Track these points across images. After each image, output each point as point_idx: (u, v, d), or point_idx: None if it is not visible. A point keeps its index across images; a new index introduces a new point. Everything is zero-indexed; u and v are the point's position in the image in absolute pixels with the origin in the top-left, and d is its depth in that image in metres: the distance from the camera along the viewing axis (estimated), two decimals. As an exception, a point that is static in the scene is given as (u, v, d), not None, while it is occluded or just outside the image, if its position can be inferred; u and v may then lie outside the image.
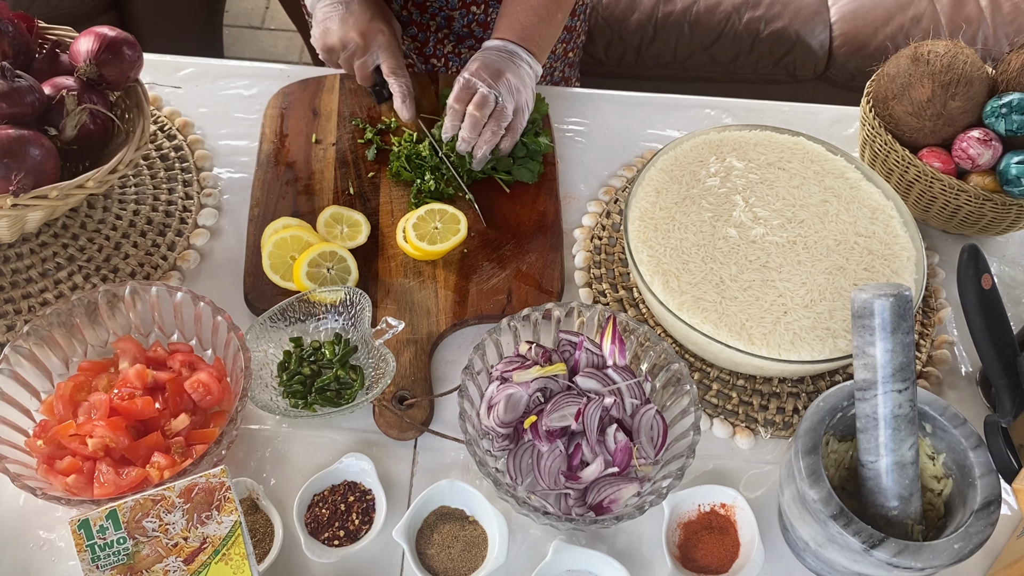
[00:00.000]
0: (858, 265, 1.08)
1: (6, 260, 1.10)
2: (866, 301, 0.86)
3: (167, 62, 1.36)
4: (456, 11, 1.40)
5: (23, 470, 0.90)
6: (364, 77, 1.28)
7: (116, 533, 0.81)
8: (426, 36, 1.43)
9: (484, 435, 0.97)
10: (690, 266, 1.07)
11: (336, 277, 1.09)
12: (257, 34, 3.04)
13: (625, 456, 0.94)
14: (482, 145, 1.18)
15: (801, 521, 0.89)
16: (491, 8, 1.42)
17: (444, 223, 1.12)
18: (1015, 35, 2.24)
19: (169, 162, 1.24)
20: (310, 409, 1.00)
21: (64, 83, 1.07)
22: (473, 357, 0.97)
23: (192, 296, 1.00)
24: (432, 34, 1.44)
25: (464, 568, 0.93)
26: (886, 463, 0.88)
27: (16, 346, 0.95)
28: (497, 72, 1.17)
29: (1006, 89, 1.16)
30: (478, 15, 1.42)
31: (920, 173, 1.16)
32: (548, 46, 1.26)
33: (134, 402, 0.94)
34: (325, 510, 0.95)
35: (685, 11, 2.27)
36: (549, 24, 1.24)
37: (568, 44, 1.54)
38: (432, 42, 1.45)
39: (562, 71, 1.58)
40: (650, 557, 0.96)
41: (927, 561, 0.82)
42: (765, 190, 1.14)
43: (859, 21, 2.29)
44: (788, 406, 1.07)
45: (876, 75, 1.23)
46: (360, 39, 1.24)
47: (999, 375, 0.99)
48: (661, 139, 1.34)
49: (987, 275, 0.99)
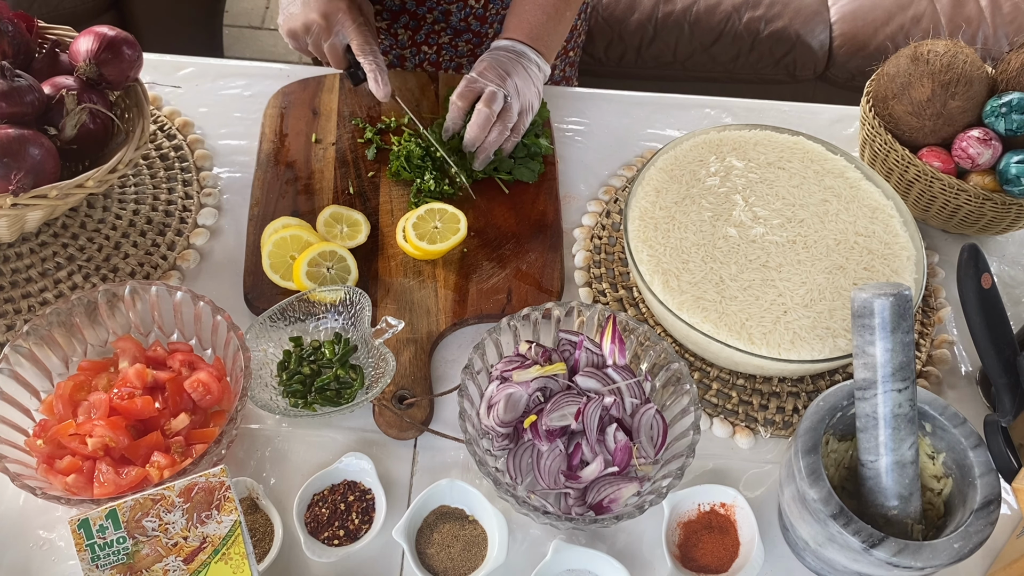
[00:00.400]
0: (858, 264, 1.08)
1: (6, 260, 1.10)
2: (866, 300, 0.86)
3: (167, 62, 1.36)
4: (453, 4, 1.40)
5: (23, 470, 0.90)
6: (336, 60, 1.23)
7: (116, 533, 0.81)
8: (418, 24, 1.43)
9: (484, 435, 0.97)
10: (690, 265, 1.07)
11: (336, 277, 1.09)
12: (257, 34, 3.04)
13: (625, 456, 0.94)
14: (487, 146, 1.18)
15: (801, 520, 0.89)
16: (489, 2, 1.41)
17: (444, 222, 1.12)
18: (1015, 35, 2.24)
19: (169, 162, 1.24)
20: (310, 408, 1.00)
21: (64, 83, 1.07)
22: (473, 357, 0.97)
23: (192, 296, 1.00)
24: (428, 25, 1.43)
25: (464, 567, 0.93)
26: (886, 462, 0.88)
27: (16, 346, 0.95)
28: (504, 73, 1.17)
29: (1006, 89, 1.16)
30: (476, 8, 1.41)
31: (920, 173, 1.16)
32: (557, 45, 1.25)
33: (134, 402, 0.94)
34: (325, 510, 0.95)
35: (685, 11, 2.27)
36: (558, 23, 1.24)
37: (570, 42, 1.54)
38: (425, 31, 1.44)
39: (563, 70, 1.58)
40: (650, 556, 0.96)
41: (927, 560, 0.82)
42: (765, 189, 1.14)
43: (859, 21, 2.29)
44: (788, 405, 1.07)
45: (876, 75, 1.23)
46: (322, 19, 1.18)
47: (999, 375, 0.99)
48: (661, 139, 1.34)
49: (987, 274, 0.99)
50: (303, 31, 1.21)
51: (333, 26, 1.19)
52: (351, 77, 1.24)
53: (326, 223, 1.15)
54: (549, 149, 1.25)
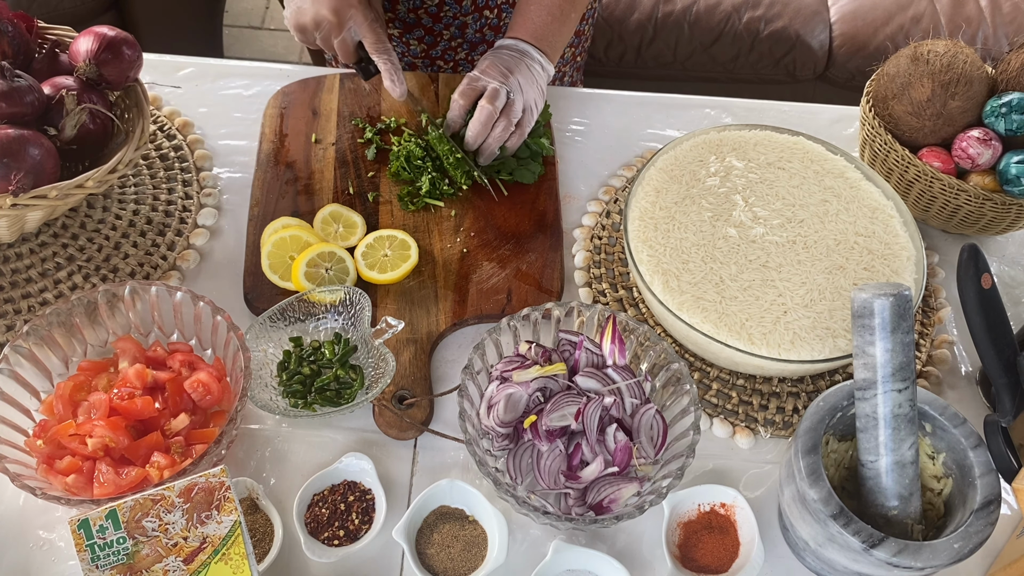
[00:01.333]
0: (858, 265, 1.08)
1: (6, 260, 1.10)
2: (866, 301, 0.86)
3: (167, 62, 1.36)
4: (469, 15, 1.39)
5: (23, 470, 0.90)
6: (347, 54, 1.22)
7: (116, 533, 0.81)
8: (434, 40, 1.42)
9: (484, 435, 0.97)
10: (690, 266, 1.07)
11: (335, 277, 1.09)
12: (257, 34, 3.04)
13: (625, 456, 0.94)
14: (492, 142, 1.18)
15: (801, 521, 0.89)
16: (504, 13, 1.41)
17: (394, 249, 1.12)
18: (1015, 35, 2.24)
19: (169, 162, 1.24)
20: (310, 409, 1.00)
21: (64, 83, 1.07)
22: (473, 357, 0.97)
23: (192, 296, 1.00)
24: (444, 42, 1.43)
25: (464, 568, 0.93)
26: (886, 463, 0.88)
27: (16, 346, 0.95)
28: (506, 71, 1.17)
29: (1006, 89, 1.16)
30: (491, 19, 1.41)
31: (920, 173, 1.16)
32: (561, 46, 1.25)
33: (134, 402, 0.94)
34: (325, 510, 0.95)
35: (685, 11, 2.27)
36: (563, 24, 1.24)
37: (576, 48, 1.54)
38: (442, 47, 1.44)
39: (571, 75, 1.58)
40: (650, 557, 0.96)
41: (927, 561, 0.82)
42: (765, 190, 1.14)
43: (859, 21, 2.29)
44: (788, 406, 1.07)
45: (876, 75, 1.23)
46: (332, 16, 1.17)
47: (999, 375, 0.99)
48: (661, 139, 1.34)
49: (987, 275, 0.99)
50: (313, 26, 1.19)
51: (345, 22, 1.18)
52: (361, 71, 1.23)
53: (324, 221, 1.15)
54: (550, 150, 1.25)
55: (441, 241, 1.17)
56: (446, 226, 1.18)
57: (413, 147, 1.21)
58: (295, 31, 1.22)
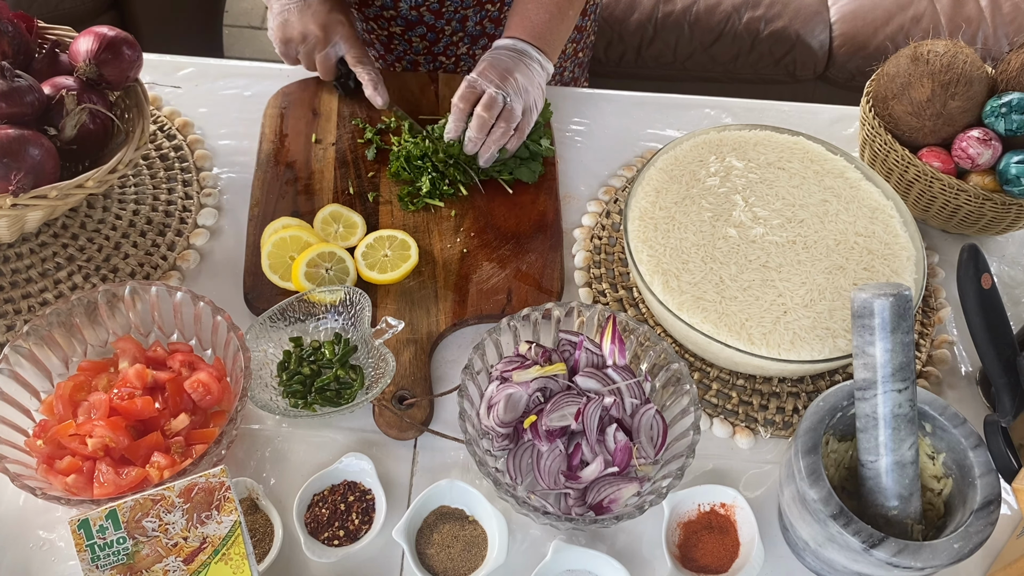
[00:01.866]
0: (858, 265, 1.08)
1: (6, 260, 1.10)
2: (866, 301, 0.86)
3: (167, 62, 1.36)
4: (470, 8, 1.39)
5: (23, 470, 0.90)
6: (327, 70, 1.28)
7: (116, 533, 0.81)
8: (436, 36, 1.43)
9: (484, 435, 0.97)
10: (690, 266, 1.07)
11: (335, 277, 1.09)
12: (257, 34, 3.04)
13: (625, 456, 0.94)
14: (491, 145, 1.17)
15: (801, 521, 0.89)
16: (505, 6, 1.41)
17: (394, 250, 1.12)
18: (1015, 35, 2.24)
19: (169, 162, 1.24)
20: (310, 409, 1.00)
21: (64, 83, 1.07)
22: (473, 357, 0.97)
23: (192, 296, 1.00)
24: (446, 37, 1.43)
25: (464, 568, 0.93)
26: (886, 463, 0.88)
27: (16, 346, 0.95)
28: (505, 72, 1.16)
29: (1006, 89, 1.16)
30: (491, 12, 1.41)
31: (920, 173, 1.16)
32: (560, 44, 1.25)
33: (134, 402, 0.94)
34: (325, 510, 0.95)
35: (685, 11, 2.27)
36: (561, 21, 1.24)
37: (578, 44, 1.53)
38: (444, 43, 1.44)
39: (572, 71, 1.57)
40: (650, 557, 0.96)
41: (927, 561, 0.82)
42: (765, 190, 1.14)
43: (859, 21, 2.29)
44: (788, 406, 1.07)
45: (876, 75, 1.23)
46: (320, 31, 1.24)
47: (999, 375, 0.99)
48: (661, 139, 1.34)
49: (987, 275, 0.99)
50: (299, 39, 1.25)
51: (331, 38, 1.25)
52: (341, 87, 1.30)
53: (324, 220, 1.15)
54: (551, 151, 1.25)
55: (441, 241, 1.17)
56: (446, 226, 1.18)
57: (413, 147, 1.21)
58: (279, 44, 1.28)
